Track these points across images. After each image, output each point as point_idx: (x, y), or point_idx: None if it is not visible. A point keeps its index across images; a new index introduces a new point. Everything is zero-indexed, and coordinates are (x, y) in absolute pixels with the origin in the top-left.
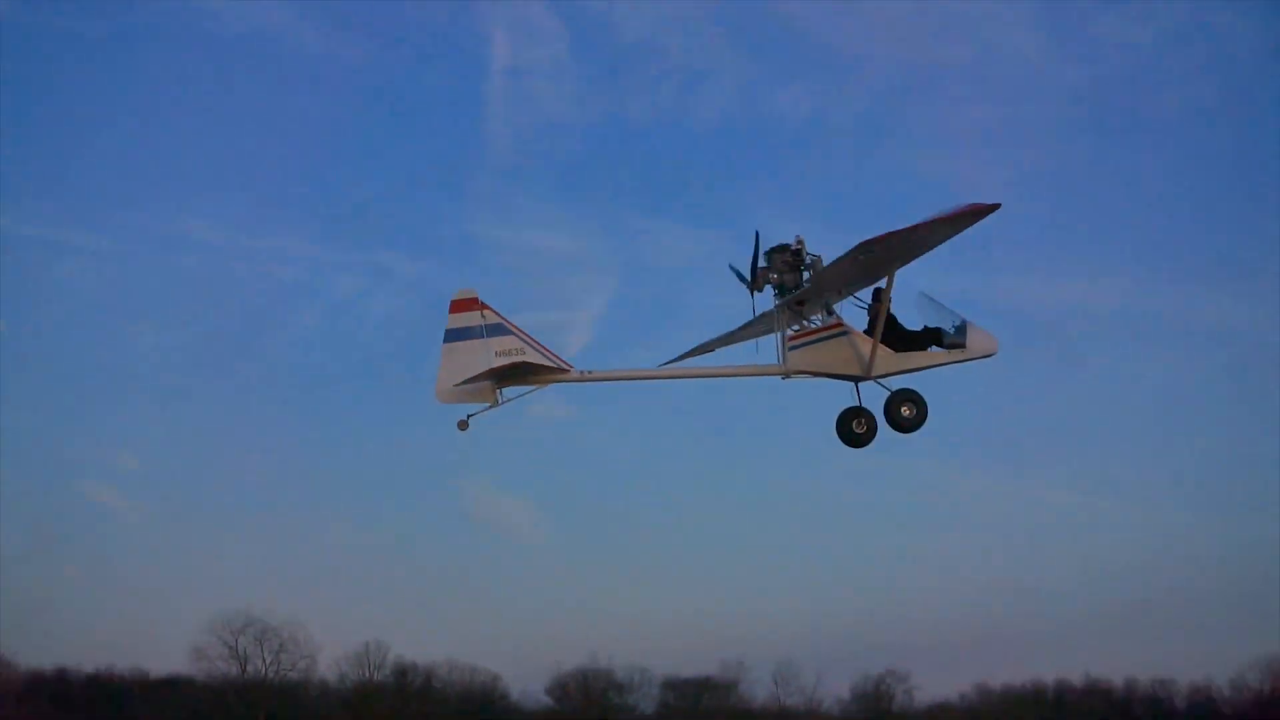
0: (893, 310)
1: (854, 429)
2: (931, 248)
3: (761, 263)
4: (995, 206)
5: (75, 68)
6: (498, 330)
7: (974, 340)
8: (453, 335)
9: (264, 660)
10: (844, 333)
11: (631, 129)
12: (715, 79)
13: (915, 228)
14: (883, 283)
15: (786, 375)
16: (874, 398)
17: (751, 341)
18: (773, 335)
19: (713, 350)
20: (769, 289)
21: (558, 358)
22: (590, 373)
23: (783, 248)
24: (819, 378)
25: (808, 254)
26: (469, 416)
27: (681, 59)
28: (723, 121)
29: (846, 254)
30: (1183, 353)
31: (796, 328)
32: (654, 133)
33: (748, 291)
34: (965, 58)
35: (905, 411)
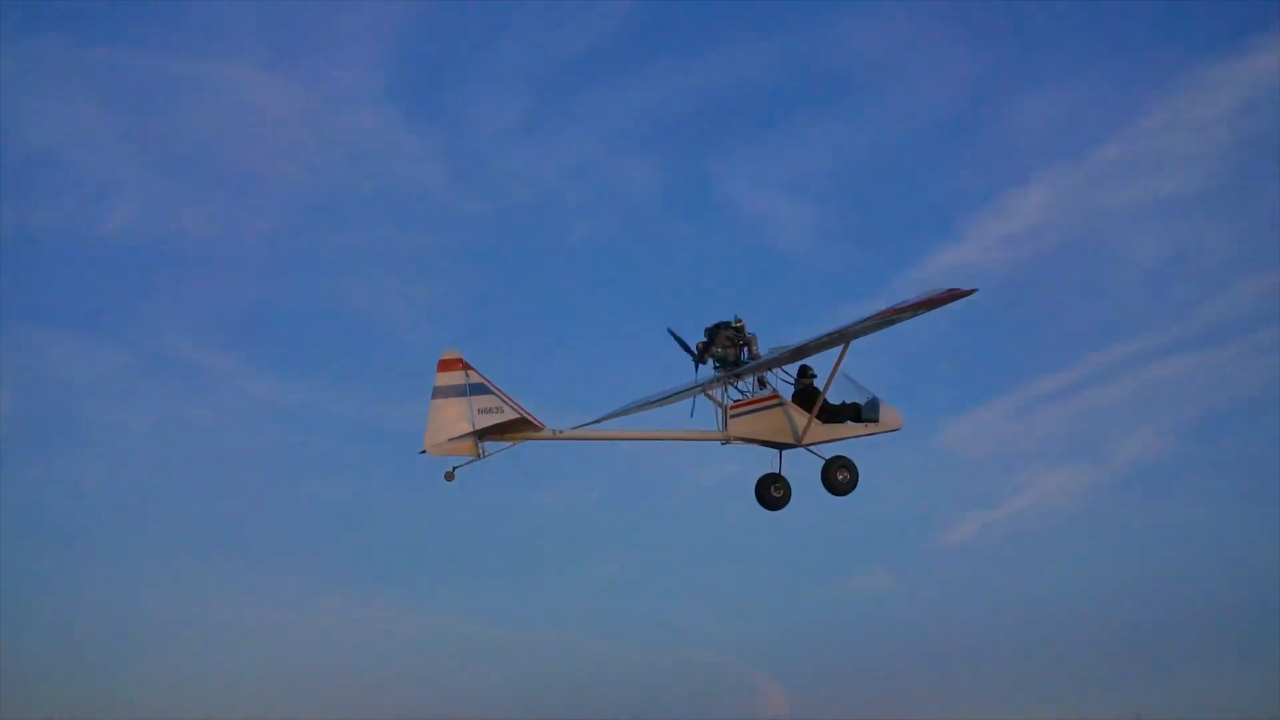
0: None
1: (772, 493)
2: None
3: (703, 338)
4: (972, 292)
5: None
6: (480, 389)
7: (885, 416)
8: (440, 393)
9: None
10: (780, 403)
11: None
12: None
13: (893, 313)
14: (809, 359)
15: (727, 441)
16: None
17: (679, 404)
18: (692, 399)
19: (651, 406)
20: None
21: (532, 416)
22: (562, 432)
23: (725, 324)
24: (754, 444)
25: (747, 332)
26: (454, 469)
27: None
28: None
29: (807, 344)
30: None
31: (737, 397)
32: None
33: (693, 361)
34: None
35: (841, 477)
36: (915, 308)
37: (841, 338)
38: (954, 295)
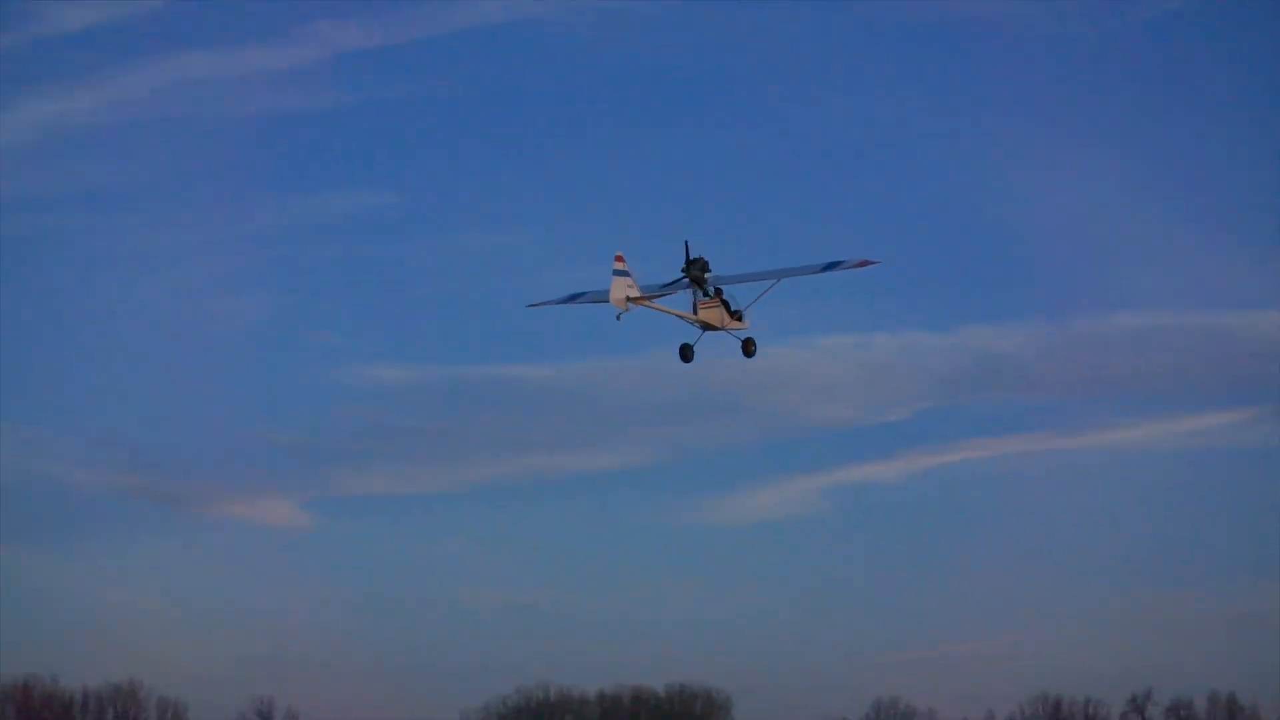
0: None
1: (684, 355)
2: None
3: (691, 260)
4: (873, 262)
5: None
6: (625, 274)
7: (747, 319)
8: (617, 273)
9: None
10: (718, 305)
11: None
12: None
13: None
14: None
15: (695, 321)
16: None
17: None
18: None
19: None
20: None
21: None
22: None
23: (700, 259)
24: (704, 325)
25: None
26: (619, 315)
27: None
28: None
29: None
30: None
31: (703, 297)
32: None
33: (686, 276)
34: None
35: (750, 349)
36: (825, 269)
37: (774, 276)
38: (863, 263)
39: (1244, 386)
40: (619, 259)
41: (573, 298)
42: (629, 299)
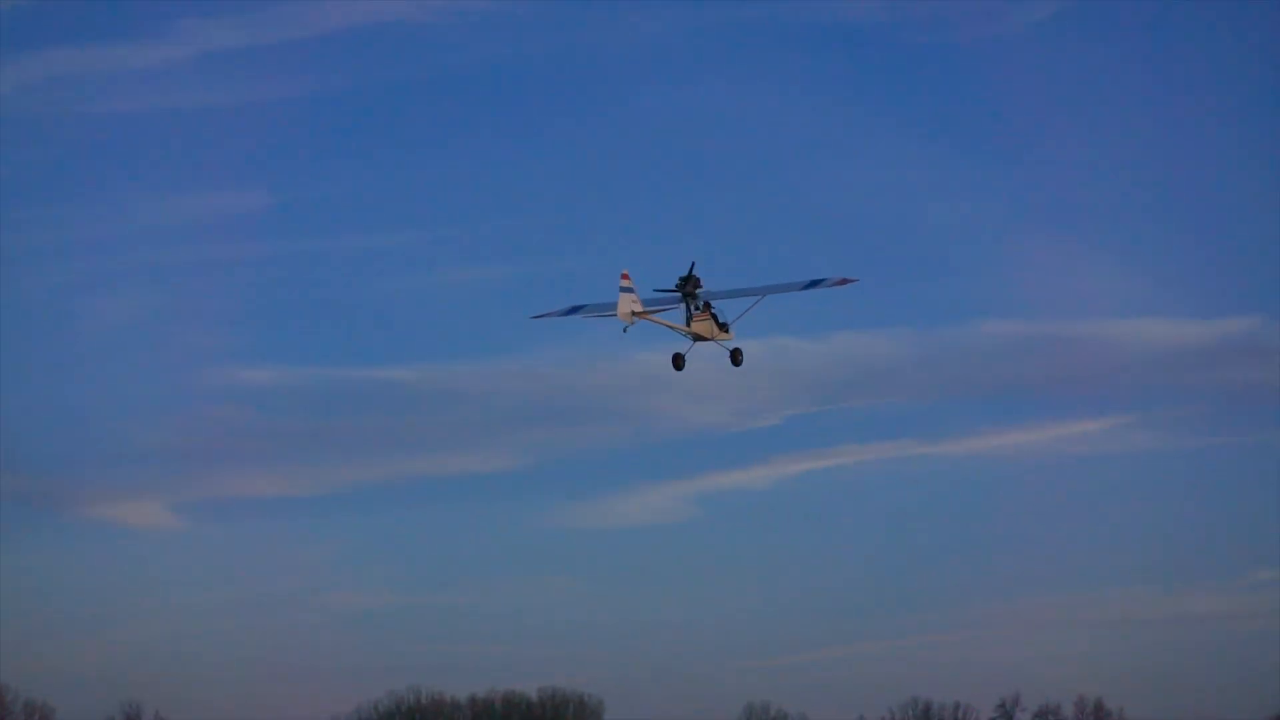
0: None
1: (677, 364)
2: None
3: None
4: (853, 280)
5: None
6: (630, 291)
7: (732, 331)
8: (623, 290)
9: None
10: (708, 318)
11: None
12: None
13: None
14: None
15: (688, 333)
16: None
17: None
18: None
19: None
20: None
21: (643, 309)
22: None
23: (694, 277)
24: (695, 336)
25: (701, 284)
26: (624, 328)
27: None
28: None
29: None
30: None
31: (695, 310)
32: None
33: (680, 289)
34: None
35: (739, 358)
36: (807, 286)
37: (759, 293)
38: (844, 281)
39: (1110, 395)
40: (624, 276)
41: (573, 310)
42: (633, 313)
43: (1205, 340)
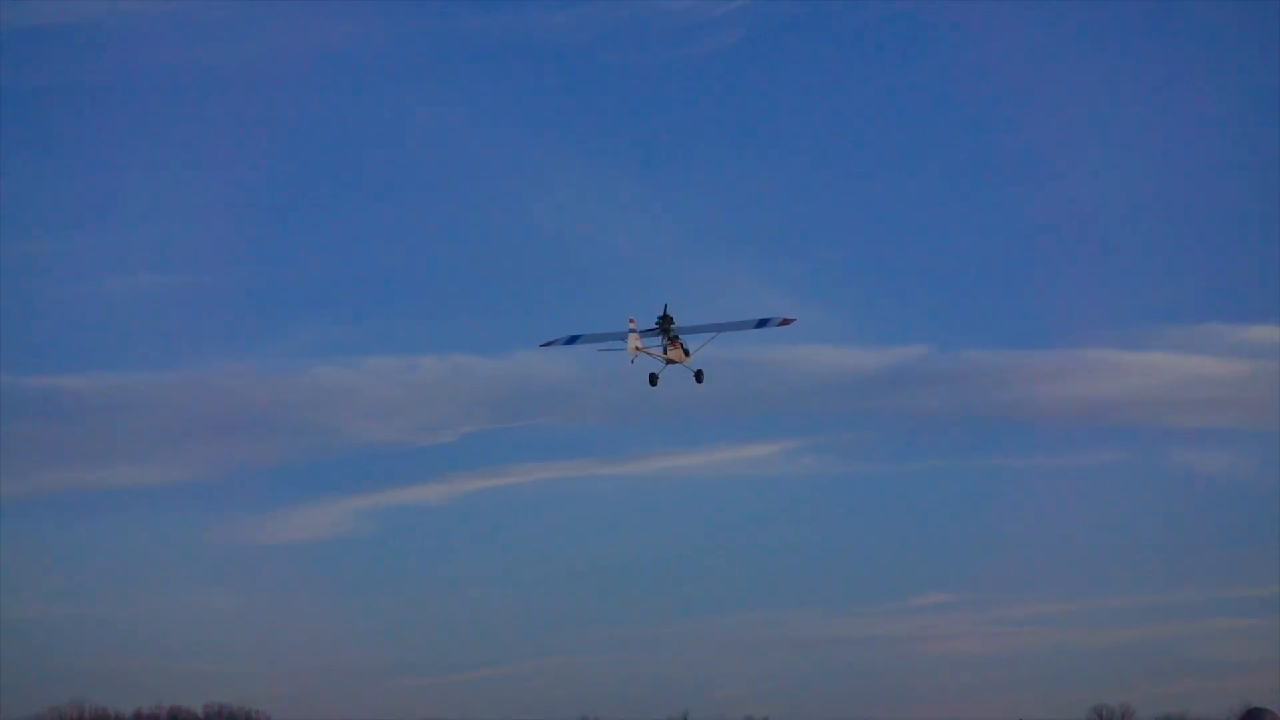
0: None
1: (652, 380)
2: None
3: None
4: (793, 320)
5: None
6: (634, 331)
7: (694, 356)
8: (630, 331)
9: None
10: (679, 347)
11: None
12: None
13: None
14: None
15: (664, 359)
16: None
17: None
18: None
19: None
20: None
21: (641, 346)
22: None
23: (668, 316)
24: (668, 360)
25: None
26: (632, 359)
27: None
28: None
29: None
30: None
31: (665, 342)
32: None
33: (657, 330)
34: None
35: (700, 377)
36: (758, 325)
37: (715, 329)
38: (784, 322)
39: (782, 419)
40: (631, 321)
41: (573, 340)
42: (636, 348)
43: (874, 367)
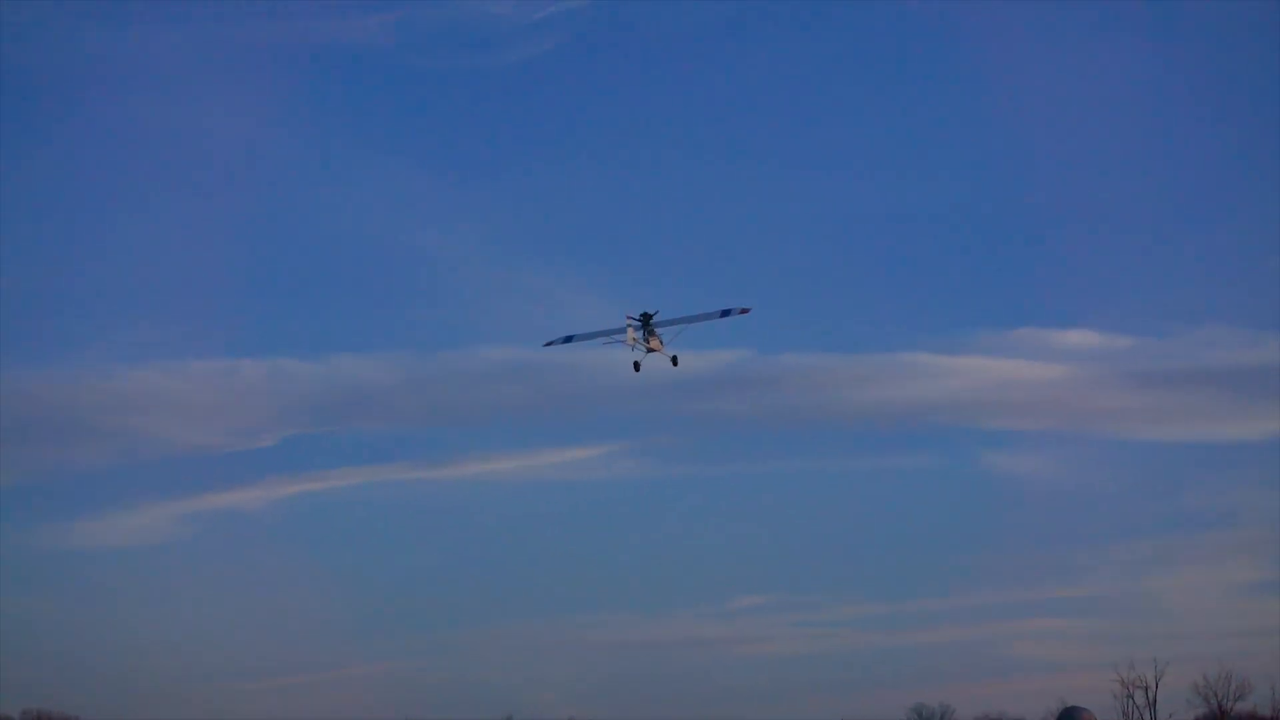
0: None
1: (636, 367)
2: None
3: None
4: (748, 310)
5: None
6: (634, 325)
7: (666, 345)
8: (628, 326)
9: None
10: (659, 339)
11: None
12: None
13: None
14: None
15: (647, 348)
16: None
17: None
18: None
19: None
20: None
21: (637, 339)
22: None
23: (649, 314)
24: (649, 350)
25: (654, 317)
26: (631, 348)
27: None
28: None
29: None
30: None
31: (647, 335)
32: None
33: (640, 324)
34: None
35: (676, 361)
36: (720, 316)
37: (686, 322)
38: (742, 311)
39: (602, 423)
40: (629, 318)
41: (568, 339)
42: (633, 340)
43: (695, 371)
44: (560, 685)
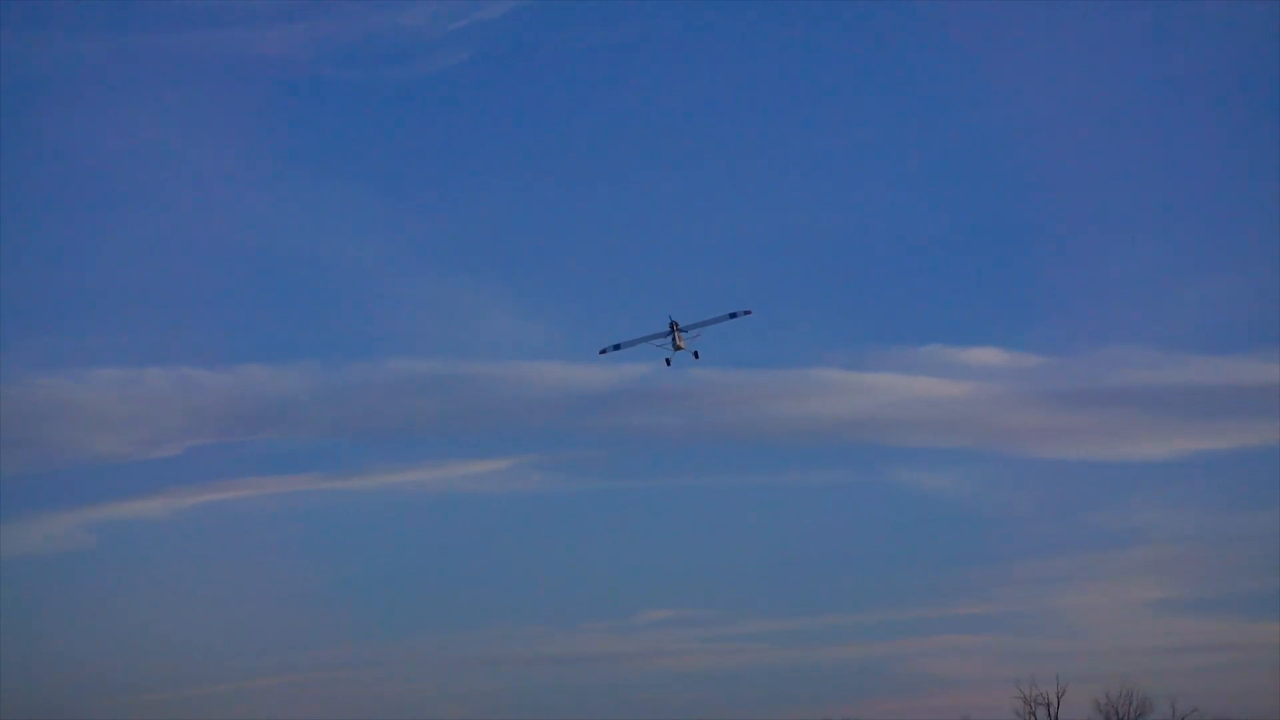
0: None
1: (668, 363)
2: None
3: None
4: (748, 312)
5: None
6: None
7: (689, 344)
8: (672, 330)
9: None
10: (685, 338)
11: None
12: None
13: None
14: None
15: (675, 347)
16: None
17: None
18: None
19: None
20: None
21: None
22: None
23: (674, 322)
24: (678, 349)
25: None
26: (678, 349)
27: None
28: None
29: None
30: None
31: (675, 336)
32: None
33: (670, 328)
34: None
35: (697, 355)
36: (728, 318)
37: (701, 325)
38: (745, 313)
39: (512, 435)
40: (673, 323)
41: (616, 347)
42: (678, 345)
43: (604, 384)
44: (468, 698)
